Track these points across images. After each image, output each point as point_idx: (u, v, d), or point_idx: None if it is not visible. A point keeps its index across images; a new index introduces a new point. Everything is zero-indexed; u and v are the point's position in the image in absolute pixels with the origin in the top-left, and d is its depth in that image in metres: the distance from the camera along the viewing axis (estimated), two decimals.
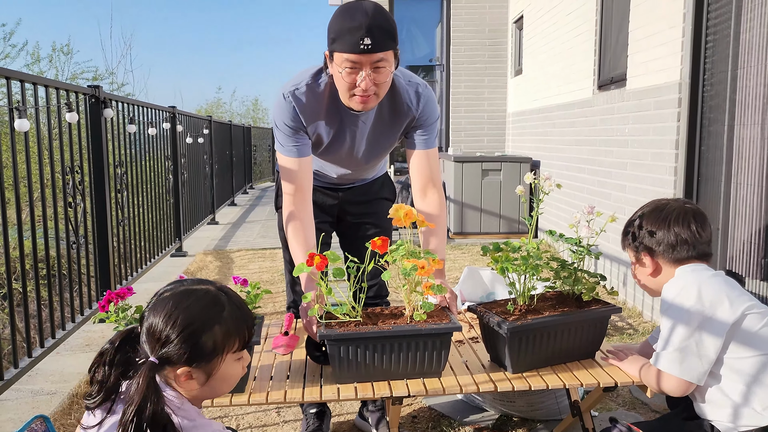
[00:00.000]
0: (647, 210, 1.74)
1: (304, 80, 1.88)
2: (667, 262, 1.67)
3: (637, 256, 1.74)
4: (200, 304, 1.19)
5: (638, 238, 1.72)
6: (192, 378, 1.18)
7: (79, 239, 3.27)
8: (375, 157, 2.10)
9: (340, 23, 1.70)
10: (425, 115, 1.97)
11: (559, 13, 5.71)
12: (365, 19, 1.66)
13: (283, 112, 1.88)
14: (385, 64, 1.73)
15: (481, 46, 7.92)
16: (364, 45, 1.66)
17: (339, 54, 1.71)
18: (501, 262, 1.75)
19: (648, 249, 1.70)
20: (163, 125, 5.37)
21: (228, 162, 9.75)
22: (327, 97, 1.88)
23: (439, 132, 2.09)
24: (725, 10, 3.12)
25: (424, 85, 1.98)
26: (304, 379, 1.72)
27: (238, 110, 25.85)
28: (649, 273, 1.71)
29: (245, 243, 6.33)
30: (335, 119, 1.92)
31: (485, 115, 8.04)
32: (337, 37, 1.70)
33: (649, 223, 1.70)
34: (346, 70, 1.72)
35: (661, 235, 1.66)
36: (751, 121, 2.93)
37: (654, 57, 3.67)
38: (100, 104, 3.61)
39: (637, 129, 3.89)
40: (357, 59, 1.69)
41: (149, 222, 4.79)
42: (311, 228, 1.95)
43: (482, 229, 6.25)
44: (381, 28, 1.68)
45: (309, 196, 1.97)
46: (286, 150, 1.93)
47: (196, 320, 1.16)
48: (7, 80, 2.58)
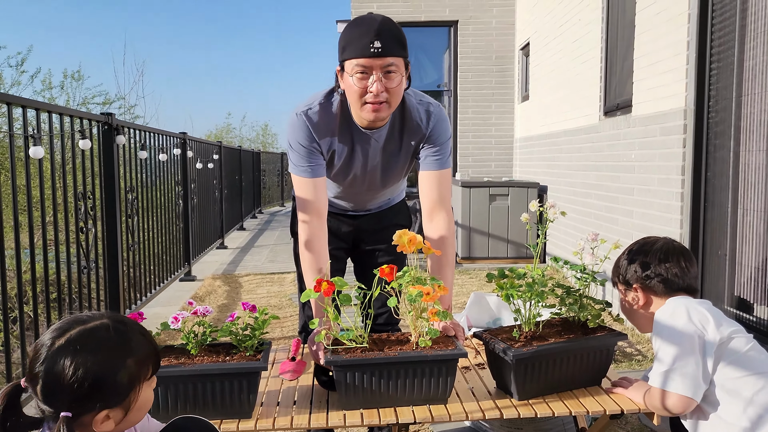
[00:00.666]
0: (636, 247, 1.84)
1: (317, 100, 1.91)
2: (657, 295, 1.77)
3: (628, 290, 1.83)
4: (105, 343, 1.11)
5: (630, 272, 1.81)
6: (109, 419, 1.12)
7: (90, 263, 3.31)
8: (389, 178, 2.08)
9: (351, 31, 1.75)
10: (436, 134, 1.95)
11: (565, 40, 5.78)
12: (375, 24, 1.71)
13: (296, 131, 1.90)
14: (396, 70, 1.75)
15: (488, 72, 8.00)
16: (374, 48, 1.70)
17: (350, 61, 1.74)
18: (506, 288, 1.76)
19: (640, 281, 1.78)
20: (174, 151, 5.44)
21: (237, 187, 9.83)
22: (339, 116, 1.90)
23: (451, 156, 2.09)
24: (729, 38, 3.15)
25: (436, 104, 1.98)
26: (311, 405, 1.72)
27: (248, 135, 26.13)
28: (639, 306, 1.81)
29: (254, 267, 6.35)
30: (348, 138, 1.93)
31: (492, 140, 8.09)
32: (347, 44, 1.75)
33: (641, 258, 1.80)
34: (357, 76, 1.74)
35: (654, 269, 1.76)
36: (756, 148, 2.95)
37: (659, 84, 3.71)
38: (113, 131, 3.68)
39: (644, 155, 3.91)
40: (368, 63, 1.72)
41: (159, 246, 4.83)
42: (326, 253, 1.94)
43: (490, 254, 6.25)
44: (390, 32, 1.73)
45: (324, 220, 1.95)
46: (301, 170, 1.92)
47: (106, 362, 1.09)
48: (23, 108, 2.64)
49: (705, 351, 1.60)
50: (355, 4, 7.94)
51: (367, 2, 7.92)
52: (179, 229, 5.61)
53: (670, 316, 1.67)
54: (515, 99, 7.99)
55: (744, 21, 3.03)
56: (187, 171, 5.83)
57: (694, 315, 1.64)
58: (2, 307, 2.41)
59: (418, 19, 7.95)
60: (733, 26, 3.11)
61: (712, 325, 1.61)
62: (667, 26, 3.59)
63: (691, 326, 1.61)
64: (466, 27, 7.93)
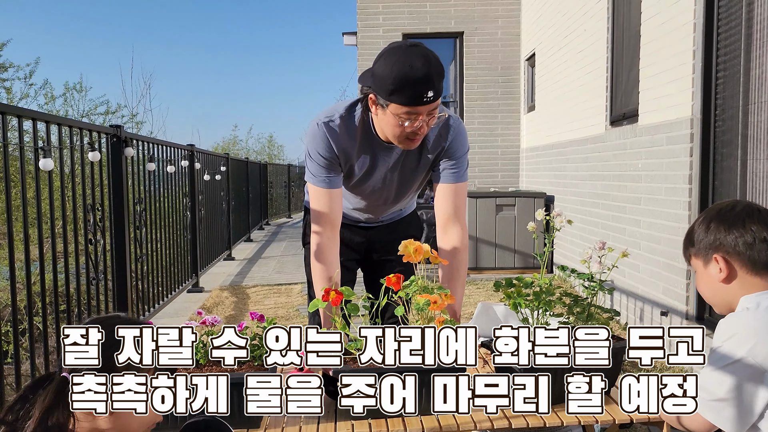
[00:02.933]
0: (713, 212, 1.54)
1: (339, 112, 1.89)
2: (743, 265, 1.46)
3: (706, 259, 1.51)
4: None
5: (708, 240, 1.50)
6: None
7: (99, 275, 3.32)
8: (406, 190, 2.08)
9: (401, 74, 1.66)
10: (454, 148, 1.95)
11: (571, 50, 5.80)
12: (427, 69, 1.65)
13: (316, 141, 1.88)
14: (437, 110, 1.76)
15: (494, 83, 8.03)
16: (427, 98, 1.68)
17: (398, 106, 1.70)
18: (513, 297, 1.77)
19: (721, 248, 1.48)
20: (182, 163, 5.48)
21: (244, 198, 9.87)
22: (361, 130, 1.89)
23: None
24: (735, 47, 3.16)
25: (456, 117, 1.97)
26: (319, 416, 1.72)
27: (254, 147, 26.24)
28: (721, 279, 1.48)
29: (261, 279, 6.36)
30: (368, 152, 1.92)
31: (499, 150, 8.10)
32: (397, 89, 1.67)
33: (721, 222, 1.49)
34: (404, 119, 1.71)
35: (737, 233, 1.46)
36: (764, 156, 2.95)
37: (665, 93, 3.71)
38: (122, 143, 3.71)
39: (650, 164, 3.90)
40: (416, 110, 1.70)
41: (167, 258, 4.85)
42: (337, 265, 1.93)
43: (497, 265, 6.24)
44: (440, 76, 1.70)
45: (337, 231, 1.94)
46: (318, 180, 1.91)
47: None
48: (33, 121, 2.67)
49: (760, 386, 1.36)
50: (362, 17, 7.99)
51: (373, 15, 7.98)
52: (187, 241, 5.64)
53: (730, 338, 1.40)
54: (521, 109, 8.01)
55: (750, 30, 3.04)
56: (194, 183, 5.86)
57: (759, 348, 1.35)
58: (12, 318, 2.43)
59: (424, 31, 8.00)
60: (739, 35, 3.11)
61: None
62: (673, 36, 3.60)
63: (752, 360, 1.36)
64: (471, 38, 7.97)
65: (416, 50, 1.69)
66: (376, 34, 7.98)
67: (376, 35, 7.97)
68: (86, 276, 3.23)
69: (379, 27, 7.99)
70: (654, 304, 3.85)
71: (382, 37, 7.94)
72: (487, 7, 7.95)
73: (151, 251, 4.37)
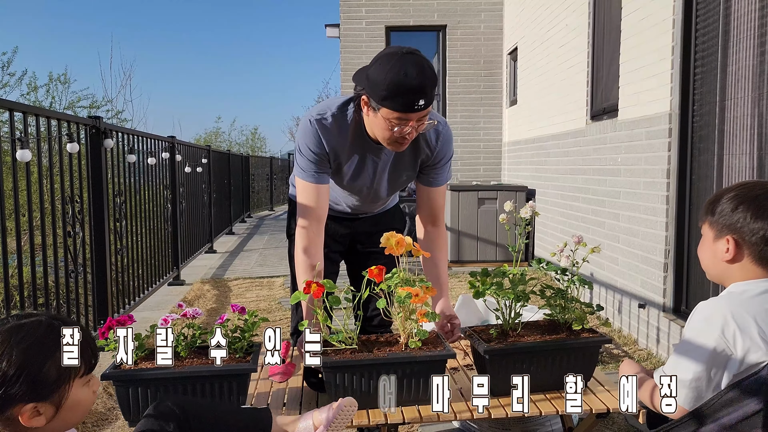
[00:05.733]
0: (747, 193, 1.47)
1: (330, 110, 1.90)
2: (751, 254, 1.45)
3: (719, 235, 1.50)
4: (34, 334, 1.13)
5: (730, 218, 1.46)
6: (39, 414, 1.12)
7: (78, 268, 3.29)
8: (394, 190, 2.15)
9: (395, 81, 1.68)
10: (441, 154, 2.01)
11: (552, 45, 5.83)
12: (421, 79, 1.67)
13: (307, 137, 1.90)
14: (427, 116, 1.78)
15: (476, 77, 8.05)
16: (419, 106, 1.70)
17: (389, 111, 1.72)
18: (476, 287, 1.82)
19: (739, 232, 1.45)
20: (162, 155, 5.43)
21: (226, 191, 9.81)
22: (353, 129, 1.91)
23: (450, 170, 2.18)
24: (712, 44, 3.20)
25: (444, 122, 2.02)
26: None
27: (237, 139, 26.05)
28: (725, 259, 1.48)
29: (243, 272, 6.34)
30: (359, 151, 1.95)
31: (481, 144, 8.13)
32: (389, 95, 1.69)
33: (750, 207, 1.44)
34: (394, 124, 1.74)
35: (762, 225, 1.42)
36: (739, 151, 3.00)
37: (645, 88, 3.75)
38: (101, 134, 3.67)
39: (629, 158, 3.95)
40: (407, 117, 1.73)
41: (147, 250, 4.81)
42: (321, 258, 1.96)
43: (479, 257, 6.28)
44: (433, 84, 1.72)
45: (323, 225, 1.98)
46: (306, 175, 1.94)
47: (34, 351, 1.11)
48: (9, 112, 2.63)
49: (726, 368, 1.39)
50: (344, 9, 7.96)
51: (355, 7, 7.95)
52: (168, 234, 5.59)
53: (704, 320, 1.43)
54: (503, 103, 8.05)
55: (727, 27, 3.08)
56: (175, 175, 5.81)
57: (728, 330, 1.38)
58: None
59: (407, 24, 7.99)
60: (717, 32, 3.16)
61: (743, 346, 1.37)
62: (653, 32, 3.64)
63: (722, 342, 1.39)
64: (454, 32, 7.98)
65: (412, 58, 1.71)
66: (359, 26, 7.96)
67: (359, 27, 7.94)
68: (65, 269, 3.20)
69: (362, 19, 7.97)
70: (632, 297, 3.90)
71: (365, 29, 7.92)
72: (470, 0, 7.96)
73: (131, 244, 4.34)
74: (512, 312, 1.86)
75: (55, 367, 1.13)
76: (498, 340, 1.78)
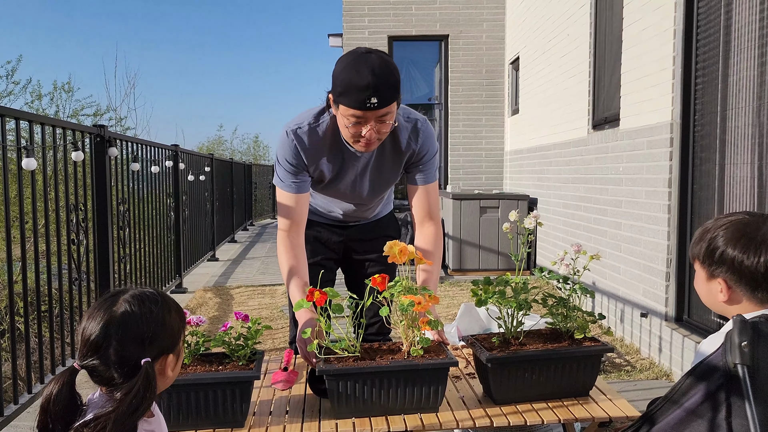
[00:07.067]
0: (730, 228, 1.36)
1: (306, 120, 1.94)
2: (746, 295, 1.35)
3: (711, 278, 1.40)
4: (152, 297, 1.20)
5: (716, 260, 1.36)
6: (175, 364, 1.21)
7: (81, 275, 3.30)
8: (378, 193, 2.15)
9: (347, 78, 1.71)
10: (424, 150, 2.03)
11: (554, 54, 5.86)
12: (372, 78, 1.69)
13: (285, 148, 1.95)
14: (389, 117, 1.79)
15: (478, 86, 8.08)
16: (371, 104, 1.71)
17: (345, 108, 1.75)
18: (478, 295, 1.83)
19: (728, 276, 1.35)
20: (166, 163, 5.45)
21: (229, 199, 9.84)
22: (329, 136, 1.94)
23: (438, 168, 2.18)
24: (713, 53, 3.22)
25: (423, 120, 2.03)
26: (303, 415, 1.74)
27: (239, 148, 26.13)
28: (722, 300, 1.37)
29: (245, 280, 6.35)
30: (337, 157, 1.98)
31: (483, 153, 8.15)
32: (343, 92, 1.73)
33: (735, 245, 1.33)
34: (351, 122, 1.77)
35: (749, 264, 1.31)
36: (741, 161, 3.01)
37: (646, 98, 3.77)
38: (105, 143, 3.69)
39: (631, 168, 3.96)
40: (363, 115, 1.74)
41: (150, 258, 4.83)
42: (304, 262, 2.01)
43: (480, 266, 6.28)
44: (387, 84, 1.72)
45: (302, 231, 2.04)
46: (285, 185, 2.00)
47: (160, 308, 1.18)
48: (16, 120, 2.65)
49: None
50: (347, 18, 8.01)
51: (358, 18, 8.00)
52: (170, 241, 5.61)
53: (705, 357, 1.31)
54: (505, 112, 8.07)
55: (728, 36, 3.10)
56: (178, 183, 5.83)
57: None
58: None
59: (409, 33, 8.03)
60: (718, 42, 3.18)
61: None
62: (654, 42, 3.66)
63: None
64: (456, 41, 8.02)
65: (367, 57, 1.72)
66: (362, 36, 8.00)
67: (361, 37, 7.98)
68: (68, 276, 3.21)
69: (364, 29, 8.01)
70: (634, 306, 3.90)
71: (368, 39, 7.96)
72: (473, 10, 8.00)
73: (134, 252, 4.35)
74: (514, 320, 1.86)
75: (176, 321, 1.20)
76: (500, 349, 1.78)
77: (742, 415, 1.23)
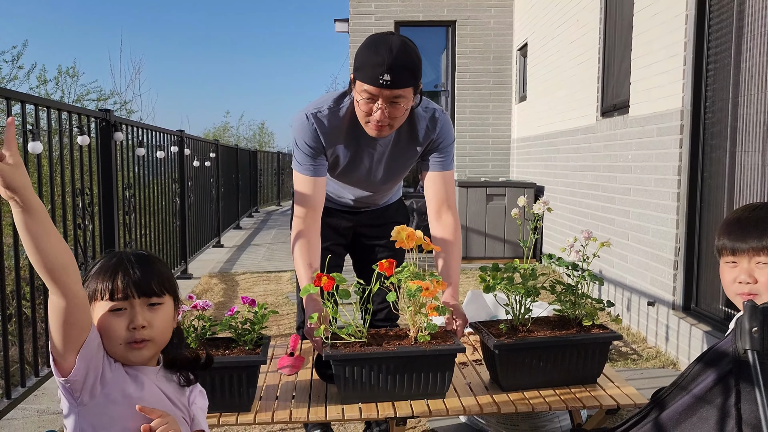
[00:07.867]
0: (724, 222, 1.49)
1: (327, 104, 1.95)
2: None
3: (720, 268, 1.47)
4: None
5: (717, 253, 1.47)
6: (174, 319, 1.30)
7: (87, 260, 3.30)
8: (392, 180, 2.16)
9: (366, 55, 1.76)
10: (441, 139, 2.03)
11: (563, 41, 5.80)
12: (388, 56, 1.71)
13: (304, 132, 1.95)
14: (402, 101, 1.79)
15: (485, 72, 8.02)
16: (384, 80, 1.72)
17: (360, 83, 1.78)
18: (486, 281, 1.81)
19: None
20: (171, 149, 5.44)
21: (234, 185, 9.83)
22: (348, 120, 1.95)
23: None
24: (725, 39, 3.17)
25: (441, 110, 2.04)
26: (309, 399, 1.73)
27: (245, 134, 26.07)
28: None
29: (250, 266, 6.35)
30: (354, 142, 1.98)
31: (490, 140, 8.11)
32: (360, 67, 1.77)
33: (721, 234, 1.46)
34: (364, 99, 1.79)
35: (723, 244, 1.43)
36: (752, 148, 2.97)
37: (656, 85, 3.72)
38: (111, 128, 3.68)
39: (640, 155, 3.92)
40: (375, 92, 1.75)
41: (155, 244, 4.83)
42: (317, 248, 1.99)
43: (487, 254, 6.26)
44: (403, 66, 1.73)
45: (319, 217, 2.02)
46: (303, 168, 1.99)
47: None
48: (21, 104, 2.64)
49: None
50: (354, 3, 7.95)
51: (365, 2, 7.93)
52: (176, 227, 5.61)
53: None
54: (513, 99, 8.01)
55: (741, 22, 3.05)
56: (184, 169, 5.82)
57: None
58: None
59: (416, 19, 7.96)
60: (730, 27, 3.13)
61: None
62: (665, 27, 3.61)
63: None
64: (464, 27, 7.94)
65: (388, 38, 1.76)
66: (368, 21, 7.94)
67: (368, 22, 7.92)
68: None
69: (371, 14, 7.95)
70: (641, 294, 3.88)
71: (374, 24, 7.90)
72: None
73: (139, 237, 4.35)
74: (522, 307, 1.85)
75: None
76: (508, 335, 1.77)
77: (752, 401, 1.23)
